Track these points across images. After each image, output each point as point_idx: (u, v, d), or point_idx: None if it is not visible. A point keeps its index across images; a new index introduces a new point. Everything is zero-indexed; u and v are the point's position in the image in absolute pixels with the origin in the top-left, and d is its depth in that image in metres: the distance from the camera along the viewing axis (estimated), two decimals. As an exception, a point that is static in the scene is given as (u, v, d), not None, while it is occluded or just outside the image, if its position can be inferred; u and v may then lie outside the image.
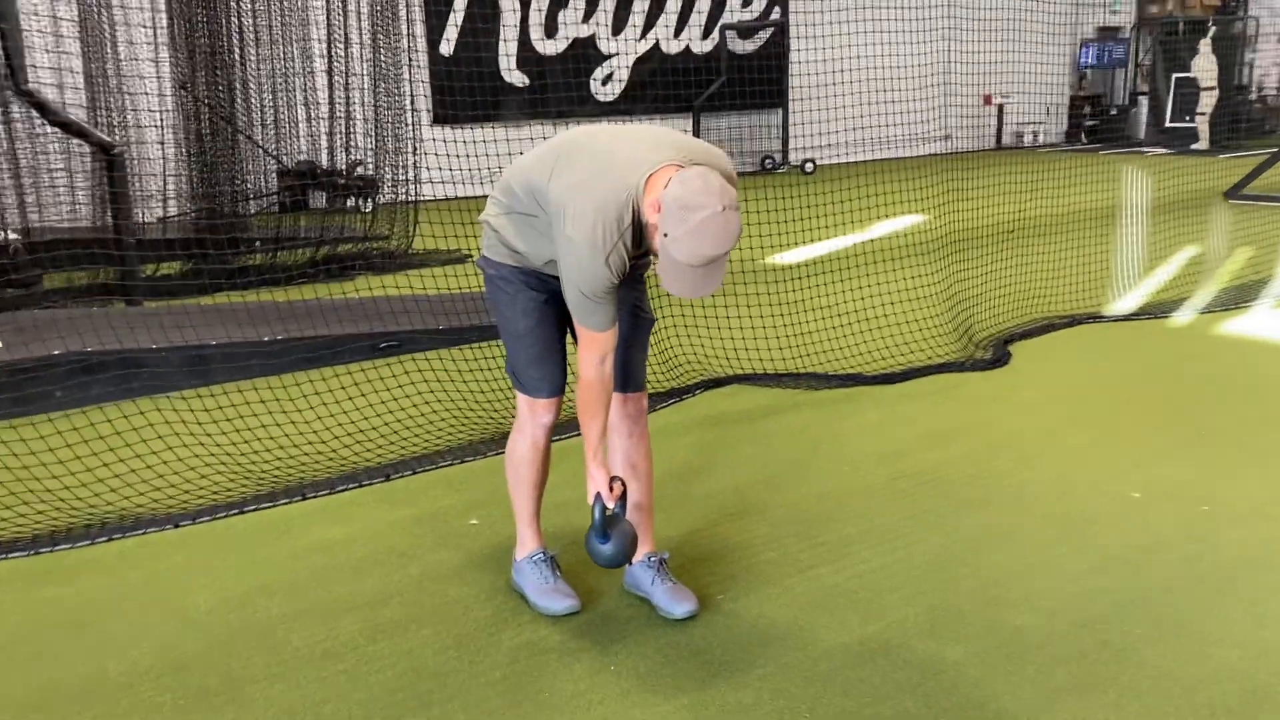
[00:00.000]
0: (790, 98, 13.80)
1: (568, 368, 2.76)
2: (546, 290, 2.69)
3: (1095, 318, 5.84)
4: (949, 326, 5.38)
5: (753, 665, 2.54)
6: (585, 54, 13.00)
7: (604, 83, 13.29)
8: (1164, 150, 15.42)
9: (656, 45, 13.64)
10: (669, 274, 2.34)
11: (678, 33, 13.83)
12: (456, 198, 6.43)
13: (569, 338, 2.74)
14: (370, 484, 3.69)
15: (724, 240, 2.29)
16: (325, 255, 7.45)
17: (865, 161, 11.25)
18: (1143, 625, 2.68)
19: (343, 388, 4.33)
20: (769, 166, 13.76)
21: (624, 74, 13.35)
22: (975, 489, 3.58)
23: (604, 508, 2.57)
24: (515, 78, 12.51)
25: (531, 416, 2.77)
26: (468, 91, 11.35)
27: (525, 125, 10.67)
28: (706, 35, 14.06)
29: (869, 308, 5.46)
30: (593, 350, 2.51)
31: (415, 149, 7.99)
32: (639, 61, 13.47)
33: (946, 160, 8.74)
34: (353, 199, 8.78)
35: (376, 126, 7.95)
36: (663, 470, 3.67)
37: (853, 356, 4.98)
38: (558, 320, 2.73)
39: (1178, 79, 16.56)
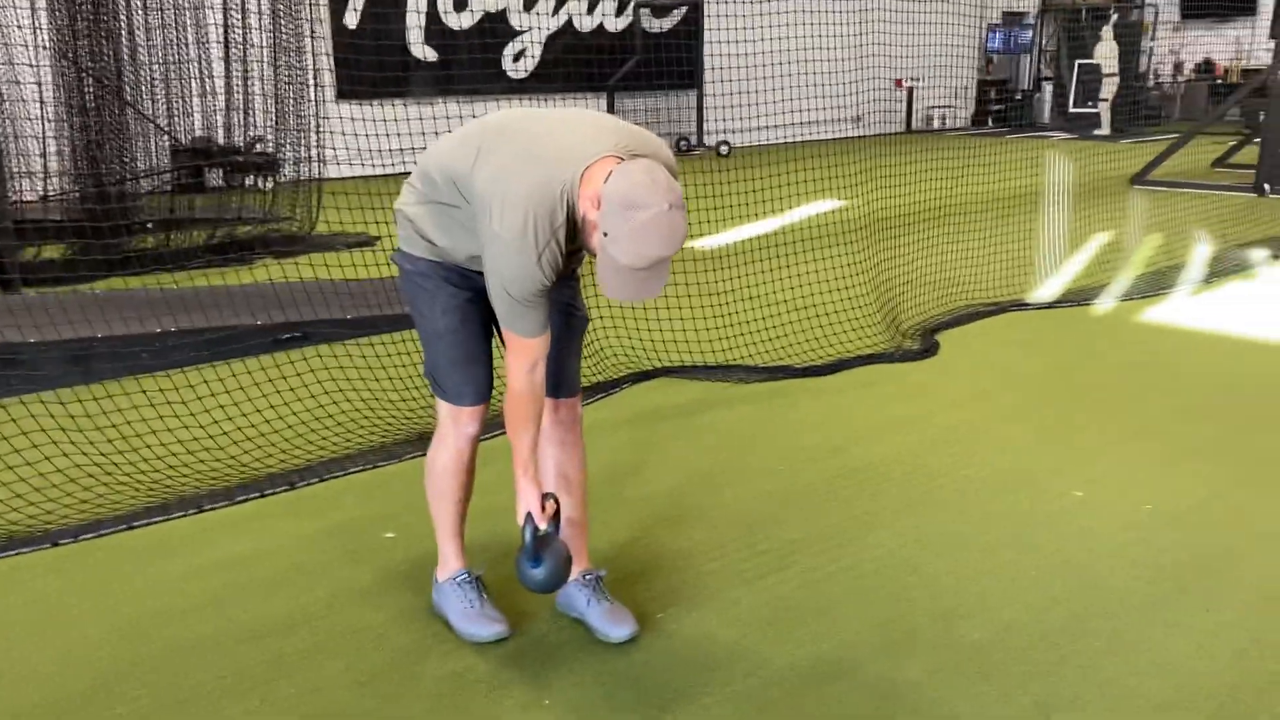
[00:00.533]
0: (705, 78, 13.65)
1: (494, 373, 2.53)
2: (470, 287, 2.45)
3: (1019, 305, 5.80)
4: (876, 315, 5.27)
5: (699, 693, 2.35)
6: (496, 29, 12.62)
7: (516, 59, 12.94)
8: (1068, 135, 15.72)
9: (570, 22, 13.33)
10: (608, 277, 2.12)
11: (591, 9, 13.53)
12: (362, 177, 6.09)
13: (495, 339, 2.51)
14: (274, 493, 3.39)
15: (670, 242, 2.07)
16: (222, 238, 7.02)
17: (779, 144, 11.18)
18: (1101, 638, 2.57)
19: (241, 388, 3.98)
20: (683, 148, 13.59)
21: (537, 51, 13.00)
22: (916, 488, 3.45)
23: (535, 529, 2.35)
24: (423, 52, 12.08)
25: (454, 425, 2.53)
26: (374, 66, 10.90)
27: (434, 102, 10.30)
28: (621, 12, 13.79)
29: (793, 295, 5.32)
30: (522, 358, 2.28)
31: (318, 126, 7.60)
32: (552, 38, 13.14)
33: (860, 143, 8.70)
34: (251, 178, 8.33)
35: (277, 102, 7.52)
36: (591, 473, 3.42)
37: (782, 347, 4.82)
38: (483, 319, 2.49)
39: (1080, 65, 16.89)
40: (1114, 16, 16.30)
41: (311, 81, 7.55)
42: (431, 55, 12.11)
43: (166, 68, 7.55)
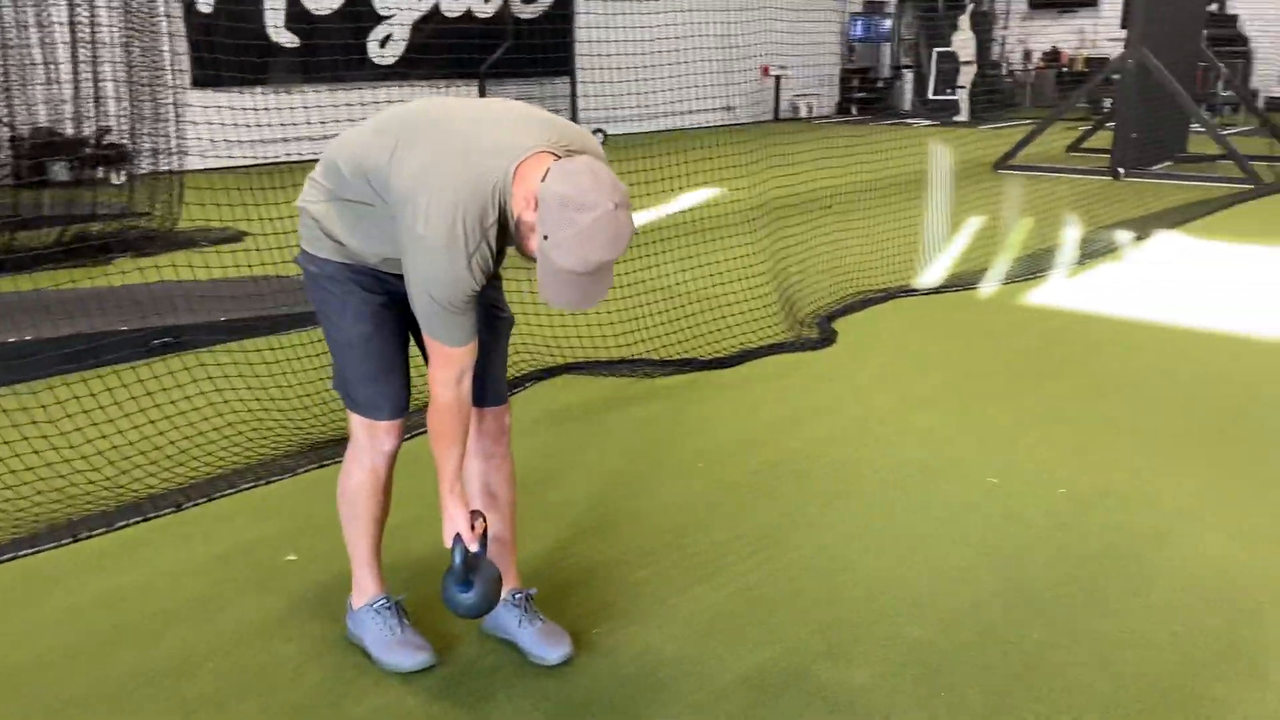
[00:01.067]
0: (578, 66, 13.48)
1: (412, 382, 2.34)
2: (384, 291, 2.25)
3: (907, 291, 5.86)
4: (774, 304, 5.23)
5: (647, 714, 2.23)
6: (360, 14, 12.15)
7: (382, 45, 12.49)
8: (929, 122, 16.13)
9: (437, 7, 12.93)
10: (551, 283, 1.96)
11: (458, -6, 13.17)
12: (225, 169, 5.73)
13: (414, 345, 2.32)
14: (158, 516, 3.11)
15: (617, 244, 1.93)
16: (74, 235, 6.51)
17: (654, 132, 11.13)
18: (1039, 629, 2.55)
19: (116, 402, 3.65)
20: (557, 136, 13.37)
21: (404, 37, 12.58)
22: (837, 481, 3.40)
23: (465, 551, 2.18)
24: (284, 37, 11.53)
25: (370, 442, 2.33)
26: (230, 51, 10.33)
27: (296, 90, 9.87)
28: (489, -3, 13.47)
29: (688, 286, 5.23)
30: (448, 368, 2.10)
31: (177, 115, 7.14)
32: (419, 24, 12.74)
33: (733, 132, 8.71)
34: (103, 170, 7.77)
35: (131, 89, 7.01)
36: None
37: (685, 340, 4.72)
38: (398, 326, 2.30)
39: (939, 53, 17.37)
40: (970, 6, 16.81)
41: (169, 67, 7.09)
42: (292, 41, 11.58)
43: (5, 52, 6.95)
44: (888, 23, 19.04)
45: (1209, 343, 4.89)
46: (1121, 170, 10.11)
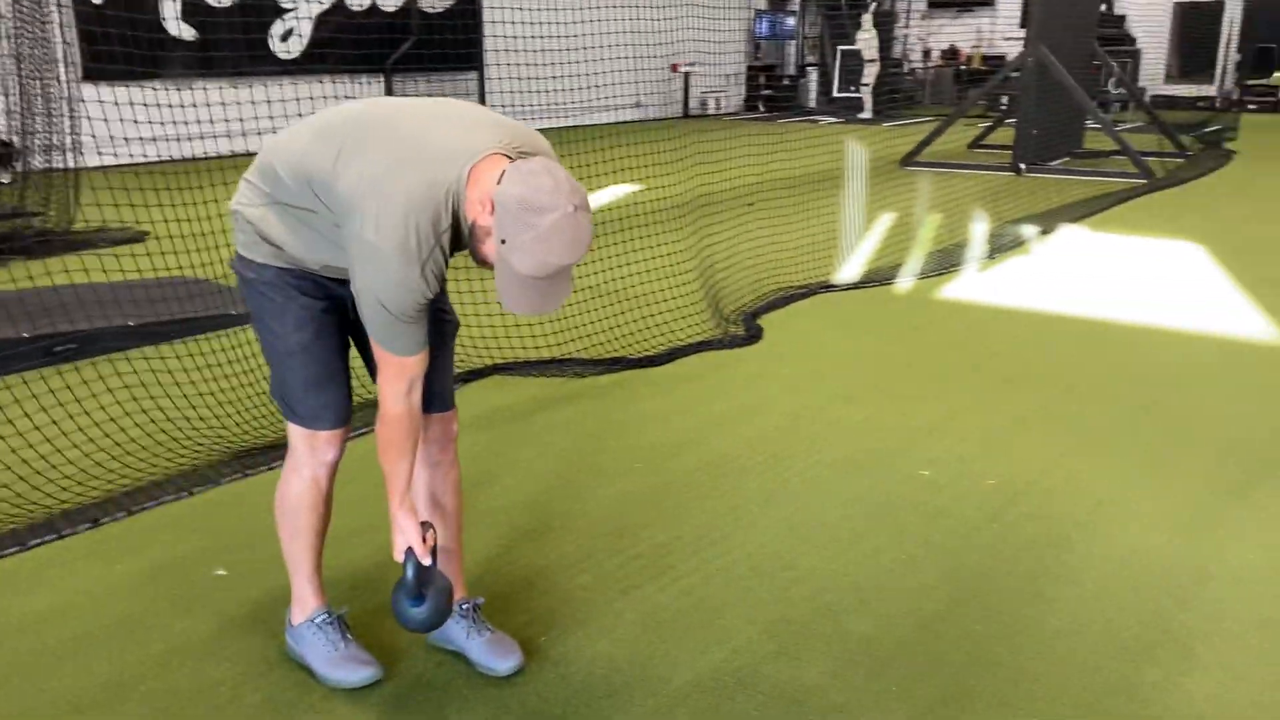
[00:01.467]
0: (486, 61, 13.34)
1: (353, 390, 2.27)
2: (325, 296, 2.18)
3: (827, 287, 5.93)
4: (699, 301, 5.24)
5: (604, 722, 2.20)
6: (261, 7, 11.81)
7: (284, 39, 12.16)
8: (834, 119, 16.38)
9: (341, 1, 12.65)
10: (509, 289, 1.91)
11: (363, -12, 12.90)
12: (123, 167, 5.49)
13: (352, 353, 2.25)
14: (73, 533, 2.96)
15: (577, 247, 1.89)
16: (-40, 238, 6.19)
17: (565, 129, 11.08)
18: (981, 620, 2.60)
19: (26, 414, 3.48)
20: (466, 132, 13.20)
21: (306, 30, 12.28)
22: (773, 478, 3.42)
23: (418, 565, 2.12)
24: (181, 30, 11.15)
25: (310, 453, 2.25)
26: (125, 43, 9.94)
27: (195, 84, 9.54)
28: (394, -9, 13.23)
29: (611, 283, 5.21)
30: (399, 380, 2.04)
31: (70, 110, 6.83)
32: (323, 17, 12.44)
33: (644, 128, 8.70)
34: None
35: (21, 83, 6.69)
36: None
37: (615, 339, 4.70)
38: (340, 331, 2.23)
39: (843, 51, 17.66)
40: (873, 5, 17.12)
41: (60, 60, 6.79)
42: (190, 33, 11.20)
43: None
44: (791, 21, 19.29)
45: (1118, 335, 5.05)
46: (1023, 166, 10.40)
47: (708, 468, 3.49)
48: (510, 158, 1.94)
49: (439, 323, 2.23)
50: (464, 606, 2.41)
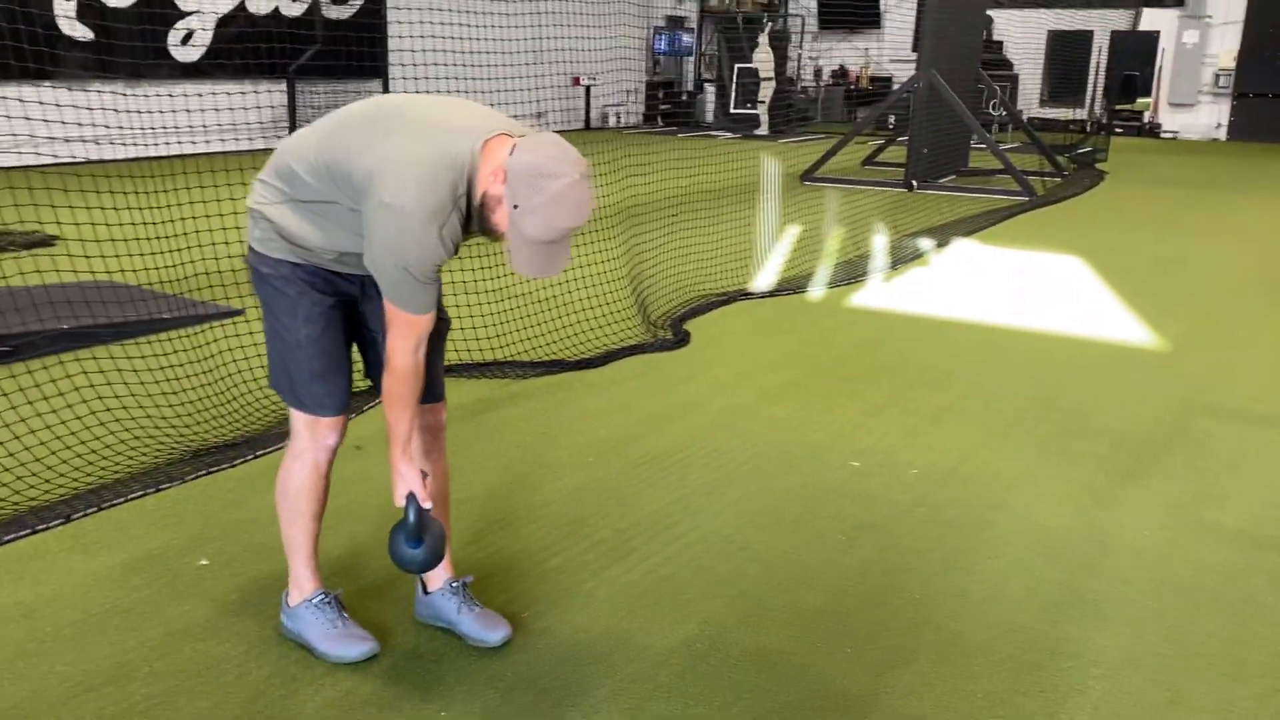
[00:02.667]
0: (391, 69, 13.36)
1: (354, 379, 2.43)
2: (334, 292, 2.34)
3: (744, 295, 6.23)
4: (629, 307, 5.46)
5: (593, 685, 2.40)
6: (160, 9, 11.61)
7: (184, 42, 11.97)
8: (732, 135, 16.84)
9: (242, 5, 12.51)
10: (519, 252, 2.11)
11: (265, -8, 12.78)
12: (20, 168, 5.45)
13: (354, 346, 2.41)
14: (46, 528, 3.02)
15: (581, 211, 2.10)
16: None
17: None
18: (917, 589, 2.89)
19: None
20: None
21: (208, 34, 12.11)
22: (715, 469, 3.66)
23: (419, 508, 2.29)
24: (76, 30, 10.88)
25: (313, 438, 2.40)
26: (17, 39, 9.68)
27: (91, 86, 9.36)
28: (297, -3, 13.14)
29: (543, 291, 5.40)
30: (409, 337, 2.21)
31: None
32: (224, 21, 12.28)
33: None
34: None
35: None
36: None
37: (551, 343, 4.89)
38: (345, 326, 2.40)
39: (740, 69, 18.16)
40: (769, 25, 17.68)
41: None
42: (86, 34, 10.94)
43: None
44: (688, 38, 19.73)
45: (1013, 339, 5.47)
46: (914, 183, 10.95)
47: (653, 461, 3.72)
48: (511, 137, 2.14)
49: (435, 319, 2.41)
50: (454, 584, 2.58)
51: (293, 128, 12.98)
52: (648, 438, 3.93)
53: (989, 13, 13.76)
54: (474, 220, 2.18)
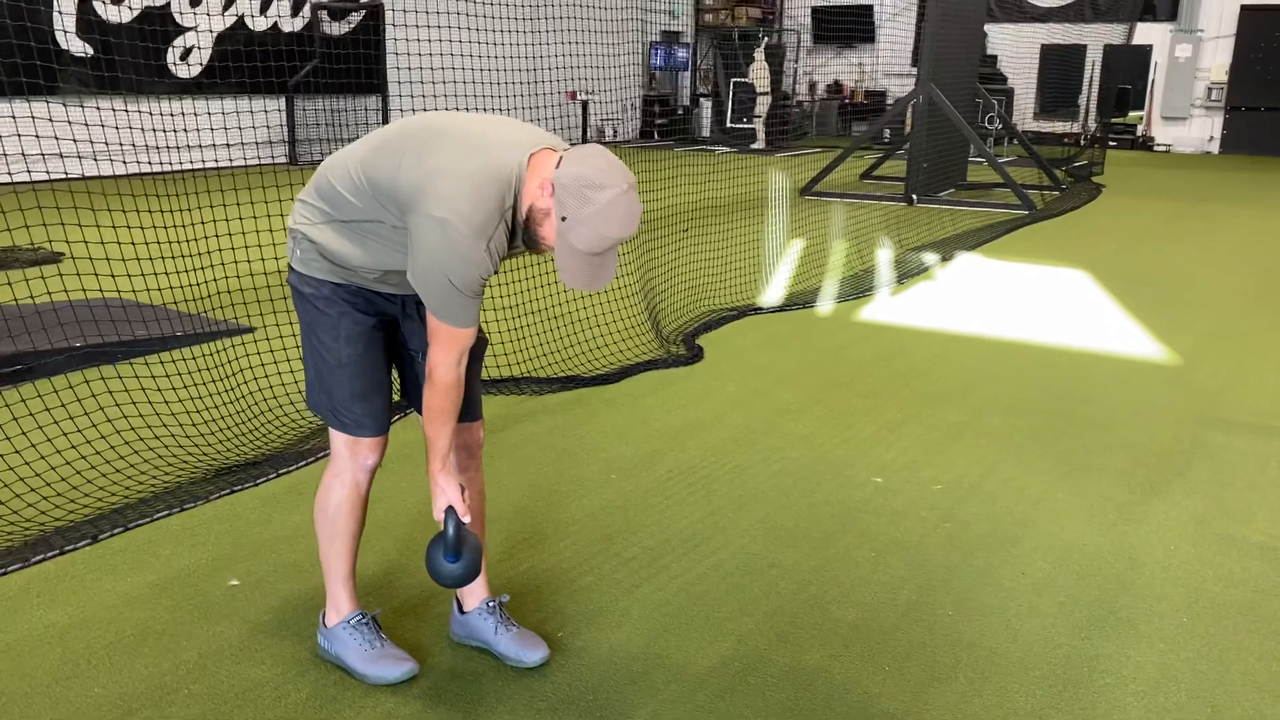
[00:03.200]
0: (390, 84, 13.36)
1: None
2: (375, 312, 2.33)
3: (754, 309, 6.24)
4: (644, 323, 5.46)
5: (635, 706, 2.39)
6: (159, 25, 11.62)
7: (184, 57, 11.98)
8: (728, 149, 16.89)
9: (241, 21, 12.52)
10: (568, 264, 2.10)
11: (264, 9, 12.80)
12: (22, 184, 5.42)
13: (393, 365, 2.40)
14: (74, 549, 3.00)
15: (630, 222, 2.10)
16: None
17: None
18: (950, 606, 2.88)
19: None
20: (369, 155, 13.16)
21: (206, 49, 12.11)
22: (739, 487, 3.65)
23: (459, 522, 2.28)
24: (75, 45, 10.88)
25: (353, 458, 2.39)
26: (19, 55, 9.66)
27: (91, 100, 9.35)
28: (296, 13, 13.16)
29: (559, 307, 5.40)
30: (451, 350, 2.20)
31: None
32: (222, 36, 12.29)
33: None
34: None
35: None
36: (421, 500, 3.36)
37: (566, 359, 4.89)
38: (385, 347, 2.39)
39: (736, 83, 18.23)
40: (765, 40, 17.75)
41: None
42: (86, 49, 10.93)
43: None
44: (684, 53, 19.81)
45: (1024, 354, 5.49)
46: (915, 197, 10.99)
47: (678, 478, 3.71)
48: (555, 151, 2.14)
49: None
50: (490, 604, 2.56)
51: (292, 143, 12.99)
52: (670, 454, 3.93)
53: (985, 28, 13.82)
54: (519, 234, 2.18)
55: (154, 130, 9.15)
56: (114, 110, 7.34)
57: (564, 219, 2.07)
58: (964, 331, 5.89)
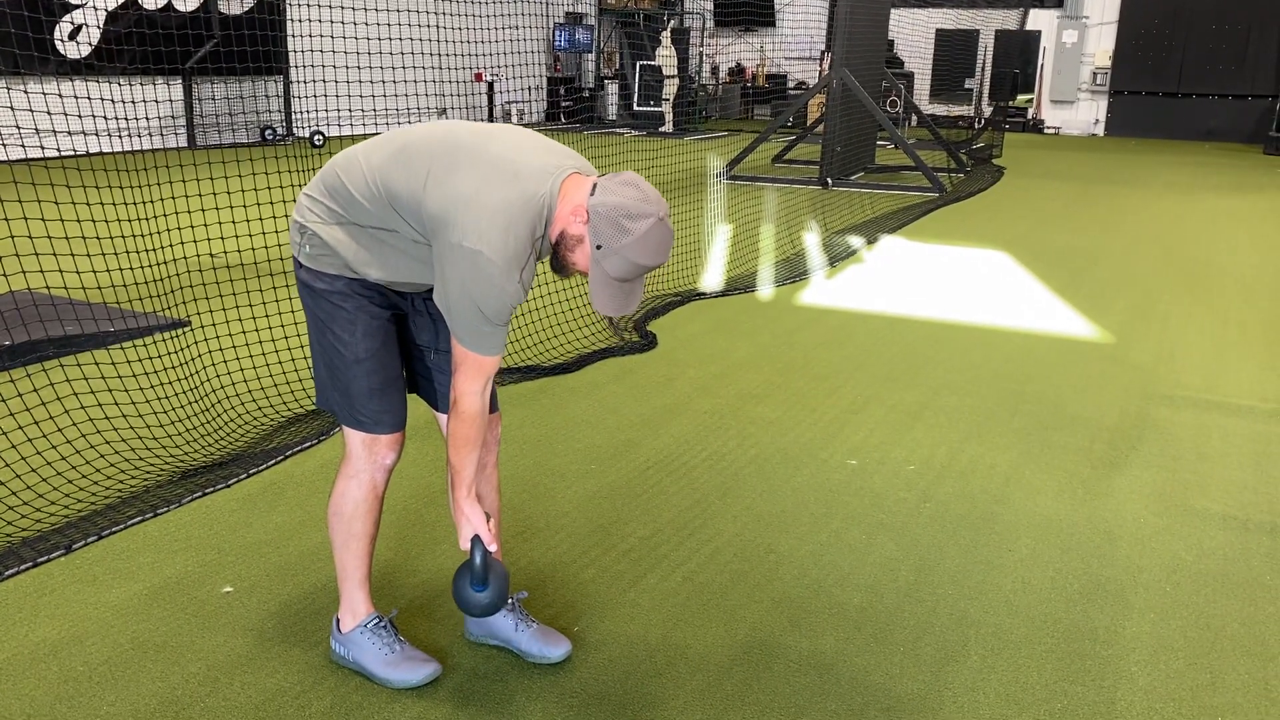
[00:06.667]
0: (291, 65, 12.95)
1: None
2: (389, 306, 2.27)
3: (697, 295, 6.26)
4: (590, 309, 5.43)
5: (663, 697, 2.38)
6: (44, 2, 11.02)
7: (71, 37, 11.38)
8: (637, 132, 16.88)
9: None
10: (601, 291, 2.08)
11: (159, -15, 12.25)
12: None
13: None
14: (48, 560, 2.84)
15: (664, 252, 2.09)
16: None
17: (371, 134, 10.96)
18: (947, 585, 2.95)
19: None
20: (270, 138, 12.78)
21: (96, 28, 11.54)
22: (719, 473, 3.67)
23: (485, 551, 2.24)
24: (-45, 23, 10.22)
25: (370, 457, 2.32)
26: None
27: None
28: (192, -10, 12.63)
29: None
30: (478, 378, 2.16)
31: None
32: (114, 15, 11.73)
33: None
34: None
35: None
36: (406, 497, 3.30)
37: (526, 349, 4.83)
38: (399, 341, 2.32)
39: (642, 66, 18.21)
40: (671, 22, 17.76)
41: None
42: (-35, 27, 10.29)
43: None
44: (588, 34, 19.69)
45: (965, 334, 5.63)
46: (830, 180, 11.16)
47: (657, 466, 3.70)
48: (584, 176, 2.11)
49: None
50: (510, 600, 2.52)
51: (190, 125, 12.50)
52: (645, 442, 3.92)
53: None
54: (543, 257, 2.14)
55: (43, 111, 8.72)
56: None
57: (599, 247, 2.05)
58: (903, 314, 6.01)
